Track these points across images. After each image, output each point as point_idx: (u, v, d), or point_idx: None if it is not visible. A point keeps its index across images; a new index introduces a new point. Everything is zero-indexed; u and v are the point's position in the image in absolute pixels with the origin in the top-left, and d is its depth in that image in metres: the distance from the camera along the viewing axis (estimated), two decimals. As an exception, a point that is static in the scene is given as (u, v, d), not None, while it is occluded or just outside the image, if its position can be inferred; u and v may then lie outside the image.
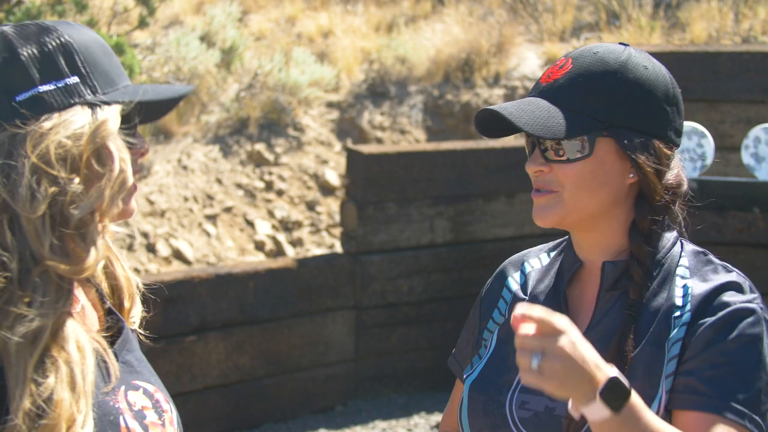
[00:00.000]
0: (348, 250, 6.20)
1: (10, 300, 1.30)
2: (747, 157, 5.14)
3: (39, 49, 1.37)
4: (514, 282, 1.74)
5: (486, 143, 6.72)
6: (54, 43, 1.38)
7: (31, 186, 1.31)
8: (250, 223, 7.25)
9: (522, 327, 1.37)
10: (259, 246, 7.12)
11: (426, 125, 8.30)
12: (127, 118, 1.40)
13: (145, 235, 6.86)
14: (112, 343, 1.48)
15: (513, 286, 1.74)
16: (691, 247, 1.65)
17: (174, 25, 9.31)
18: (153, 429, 1.46)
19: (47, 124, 1.34)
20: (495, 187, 6.46)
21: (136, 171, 1.44)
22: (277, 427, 5.84)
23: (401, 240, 6.25)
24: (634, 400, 1.38)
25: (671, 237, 1.62)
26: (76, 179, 1.34)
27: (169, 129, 7.80)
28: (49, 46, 1.38)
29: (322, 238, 7.31)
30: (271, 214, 7.36)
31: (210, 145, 7.72)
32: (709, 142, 5.03)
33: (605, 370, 1.36)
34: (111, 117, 1.37)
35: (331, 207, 7.50)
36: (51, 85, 1.36)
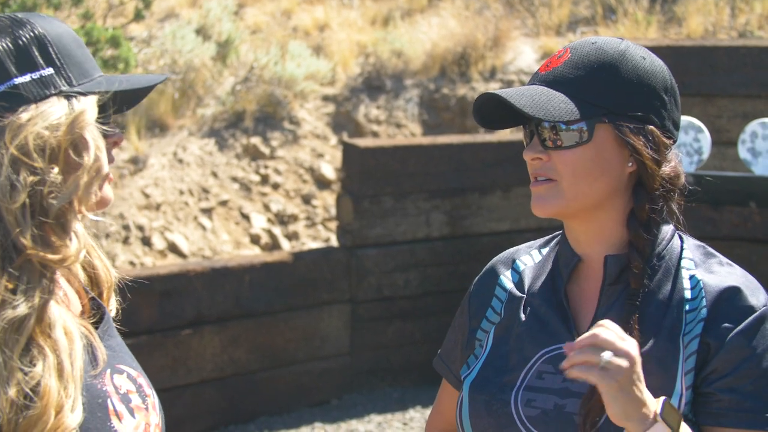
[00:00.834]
0: (344, 244, 6.20)
1: None
2: (743, 152, 5.14)
3: (13, 41, 1.38)
4: (508, 280, 1.72)
5: (482, 137, 6.71)
6: (28, 35, 1.39)
7: (10, 177, 1.32)
8: (246, 217, 7.24)
9: (596, 328, 1.42)
10: (254, 239, 7.11)
11: (422, 119, 8.30)
12: (102, 108, 1.42)
13: (140, 228, 6.85)
14: (95, 329, 1.49)
15: (507, 285, 1.71)
16: (691, 240, 1.65)
17: (170, 18, 9.29)
18: (138, 413, 1.47)
19: (25, 115, 1.35)
20: (491, 181, 6.45)
21: (111, 160, 1.46)
22: (273, 421, 5.83)
23: (397, 234, 6.24)
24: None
25: (669, 229, 1.62)
26: (55, 169, 1.35)
27: (165, 122, 7.79)
28: (24, 39, 1.39)
29: (318, 231, 7.30)
30: (266, 207, 7.35)
31: (205, 139, 7.70)
32: (706, 136, 5.03)
33: (651, 395, 1.44)
34: (88, 108, 1.39)
35: (326, 201, 7.49)
36: (27, 77, 1.37)
